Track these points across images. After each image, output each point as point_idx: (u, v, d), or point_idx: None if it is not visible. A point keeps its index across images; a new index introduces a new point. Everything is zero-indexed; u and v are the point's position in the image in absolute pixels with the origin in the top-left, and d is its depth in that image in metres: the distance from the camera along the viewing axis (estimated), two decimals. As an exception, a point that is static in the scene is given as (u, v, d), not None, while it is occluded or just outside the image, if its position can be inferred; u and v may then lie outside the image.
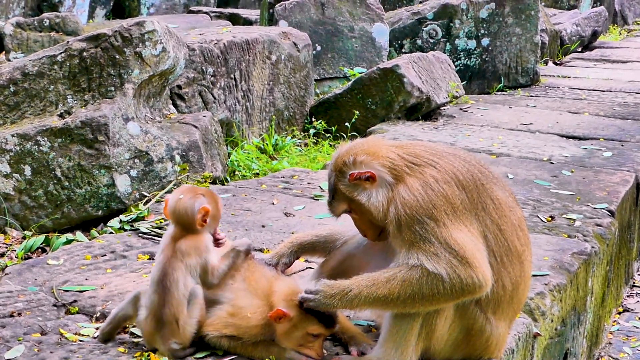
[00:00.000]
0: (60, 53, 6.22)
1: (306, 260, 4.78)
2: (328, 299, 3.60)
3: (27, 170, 5.95)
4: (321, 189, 6.58)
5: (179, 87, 7.58)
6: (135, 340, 3.96)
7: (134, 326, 4.11)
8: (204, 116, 7.00)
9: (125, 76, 6.24)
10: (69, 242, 5.54)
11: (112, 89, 6.21)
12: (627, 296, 7.26)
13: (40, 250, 5.58)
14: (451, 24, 12.04)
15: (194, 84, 7.73)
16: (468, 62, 12.13)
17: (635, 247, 7.64)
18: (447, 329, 3.64)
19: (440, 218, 3.50)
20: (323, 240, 4.16)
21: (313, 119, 9.35)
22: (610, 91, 12.10)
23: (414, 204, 3.52)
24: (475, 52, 12.13)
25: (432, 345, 3.65)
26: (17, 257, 5.41)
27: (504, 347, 3.84)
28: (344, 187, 3.73)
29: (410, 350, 3.60)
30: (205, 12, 14.75)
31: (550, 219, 6.01)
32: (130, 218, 5.78)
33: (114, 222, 5.77)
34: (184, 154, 6.44)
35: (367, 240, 3.95)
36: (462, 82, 11.27)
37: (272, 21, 10.91)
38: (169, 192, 6.16)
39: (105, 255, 5.13)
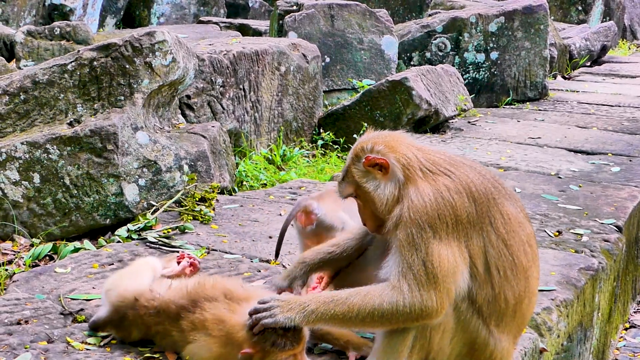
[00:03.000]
0: (71, 62, 6.24)
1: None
2: (286, 314, 3.60)
3: (36, 178, 5.96)
4: (329, 200, 6.58)
5: (188, 97, 7.60)
6: (142, 349, 3.97)
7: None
8: (213, 126, 7.01)
9: (135, 86, 6.26)
10: (76, 250, 5.55)
11: (122, 98, 6.23)
12: (634, 312, 7.24)
13: (47, 258, 5.59)
14: (460, 37, 12.05)
15: (203, 94, 7.74)
16: (477, 76, 12.13)
17: (643, 262, 7.63)
18: (449, 343, 3.64)
19: (440, 230, 3.51)
20: (330, 253, 4.16)
21: (321, 131, 9.36)
22: (619, 106, 12.09)
23: (421, 209, 3.53)
24: (484, 65, 12.13)
25: (431, 358, 3.65)
26: (24, 265, 5.42)
27: (508, 361, 3.84)
28: (356, 171, 3.75)
29: None
30: (215, 23, 14.77)
31: (557, 233, 6.01)
32: (138, 227, 5.79)
33: (122, 231, 5.77)
34: (193, 163, 6.45)
35: (378, 255, 3.95)
36: (470, 95, 11.28)
37: (281, 32, 10.93)
38: (177, 202, 6.18)
39: (113, 264, 5.14)
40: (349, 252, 4.11)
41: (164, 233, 5.69)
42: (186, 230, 5.78)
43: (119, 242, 5.65)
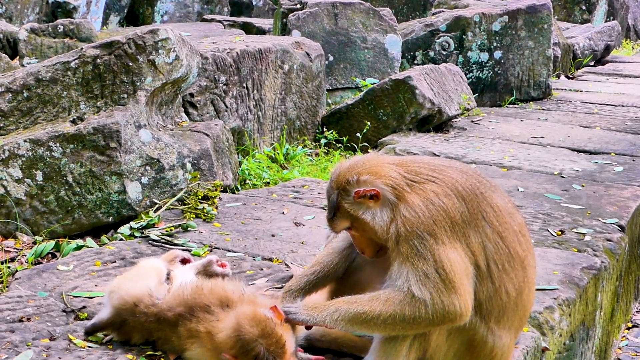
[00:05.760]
0: (74, 59, 6.24)
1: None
2: (308, 311, 3.68)
3: (39, 176, 5.96)
4: (331, 199, 6.57)
5: (192, 95, 7.59)
6: (144, 347, 3.97)
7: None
8: (216, 124, 7.01)
9: (138, 83, 6.26)
10: (79, 248, 5.55)
11: (125, 96, 6.23)
12: (637, 312, 7.24)
13: (50, 255, 5.59)
14: (464, 36, 12.05)
15: (207, 92, 7.74)
16: (480, 75, 12.13)
17: (645, 262, 7.62)
18: (445, 340, 3.65)
19: (440, 235, 3.52)
20: (313, 273, 4.10)
21: (324, 129, 9.37)
22: (622, 106, 12.08)
23: (415, 220, 3.55)
24: (487, 64, 12.13)
25: (428, 356, 3.66)
26: (27, 262, 5.42)
27: (509, 358, 3.84)
28: (348, 205, 3.74)
29: None
30: (219, 21, 14.77)
31: (560, 233, 6.01)
32: (141, 225, 5.79)
33: (124, 229, 5.77)
34: (195, 162, 6.45)
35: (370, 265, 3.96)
36: (474, 94, 11.27)
37: (285, 31, 10.93)
38: (180, 200, 6.18)
39: (115, 261, 5.14)
40: (331, 267, 4.07)
41: (166, 231, 5.69)
42: (189, 229, 5.78)
43: (121, 240, 5.65)
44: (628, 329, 6.89)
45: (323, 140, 9.19)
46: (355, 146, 9.09)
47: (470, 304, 3.53)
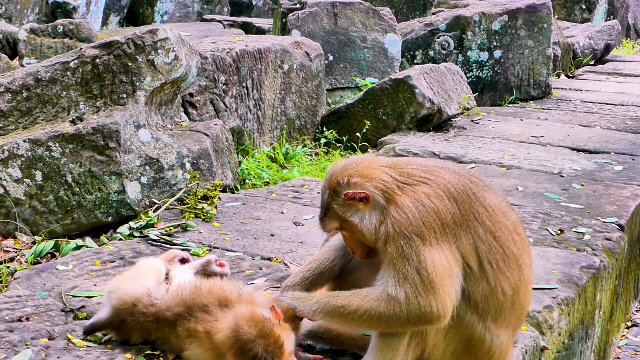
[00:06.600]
0: (73, 59, 6.24)
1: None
2: (292, 300, 3.72)
3: (38, 176, 5.97)
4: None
5: (191, 95, 7.60)
6: (142, 346, 3.97)
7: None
8: (215, 124, 7.01)
9: (137, 83, 6.26)
10: (78, 247, 5.56)
11: (124, 96, 6.23)
12: (636, 311, 7.24)
13: (49, 255, 5.59)
14: (464, 36, 12.04)
15: (206, 92, 7.74)
16: (480, 74, 12.12)
17: (645, 261, 7.62)
18: (443, 339, 3.65)
19: (428, 236, 3.53)
20: (309, 270, 4.10)
21: (324, 129, 9.37)
22: (622, 105, 12.08)
23: (403, 221, 3.56)
24: (487, 64, 12.12)
25: (426, 355, 3.66)
26: (26, 262, 5.42)
27: (507, 356, 3.84)
28: (337, 207, 3.76)
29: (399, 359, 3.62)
30: (219, 21, 14.78)
31: (559, 232, 6.01)
32: (140, 225, 5.79)
33: (124, 229, 5.77)
34: (195, 161, 6.45)
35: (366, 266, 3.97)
36: (473, 93, 11.27)
37: (284, 30, 10.94)
38: (179, 199, 6.18)
39: (114, 261, 5.14)
40: (327, 264, 4.08)
41: (165, 231, 5.69)
42: (188, 228, 5.78)
43: (120, 239, 5.66)
44: (627, 328, 6.89)
45: (323, 140, 9.19)
46: (355, 146, 9.09)
47: (450, 306, 3.52)
